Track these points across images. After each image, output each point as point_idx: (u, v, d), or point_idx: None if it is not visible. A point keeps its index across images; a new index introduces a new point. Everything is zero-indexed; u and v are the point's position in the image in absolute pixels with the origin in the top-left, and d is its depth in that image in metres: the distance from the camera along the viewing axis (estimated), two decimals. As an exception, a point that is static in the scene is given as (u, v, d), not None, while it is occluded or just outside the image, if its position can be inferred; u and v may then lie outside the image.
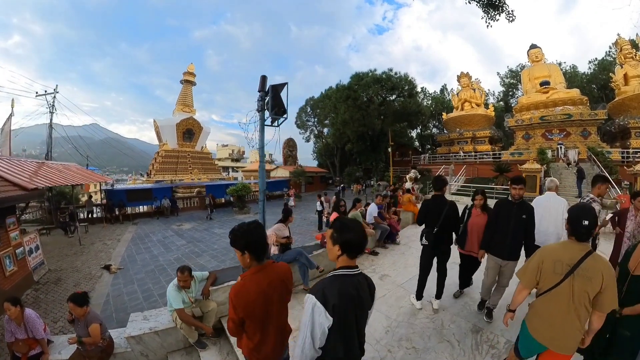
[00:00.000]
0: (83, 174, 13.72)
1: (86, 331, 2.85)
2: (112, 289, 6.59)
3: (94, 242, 10.89)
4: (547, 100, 21.42)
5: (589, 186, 12.57)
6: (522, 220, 3.02)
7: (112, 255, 9.16)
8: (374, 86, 22.05)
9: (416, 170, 14.53)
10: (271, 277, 1.62)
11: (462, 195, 13.62)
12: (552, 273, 1.71)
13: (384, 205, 6.92)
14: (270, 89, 3.56)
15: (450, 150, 26.64)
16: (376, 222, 6.25)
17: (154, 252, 9.55)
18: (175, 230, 13.00)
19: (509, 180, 12.30)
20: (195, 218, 16.62)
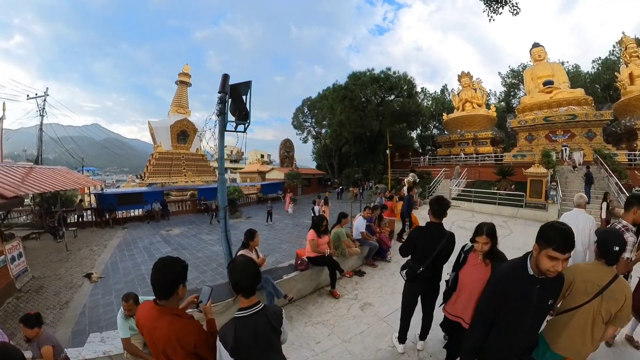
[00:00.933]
0: (72, 179, 13.39)
1: (39, 352, 2.74)
2: (89, 300, 6.42)
3: (81, 248, 10.67)
4: (551, 100, 20.79)
5: (596, 192, 12.07)
6: (545, 308, 1.70)
7: (96, 263, 8.99)
8: (371, 86, 21.33)
9: (415, 174, 13.89)
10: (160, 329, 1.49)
11: (462, 200, 12.96)
12: (583, 292, 1.81)
13: (374, 218, 6.21)
14: (230, 89, 2.96)
15: (451, 151, 25.99)
16: (363, 238, 5.62)
17: (137, 259, 9.31)
18: (163, 236, 12.67)
19: (512, 184, 11.57)
20: (187, 222, 16.31)
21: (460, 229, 8.58)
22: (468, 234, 7.81)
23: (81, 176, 17.77)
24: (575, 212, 3.64)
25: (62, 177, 12.64)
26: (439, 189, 16.06)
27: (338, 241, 5.01)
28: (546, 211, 10.22)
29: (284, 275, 4.25)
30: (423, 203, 14.17)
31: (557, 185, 10.90)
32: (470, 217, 10.71)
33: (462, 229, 8.66)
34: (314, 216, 12.70)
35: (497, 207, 11.37)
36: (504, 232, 8.29)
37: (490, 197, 11.94)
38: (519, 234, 8.06)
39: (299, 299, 4.31)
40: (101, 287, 7.10)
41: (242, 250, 3.76)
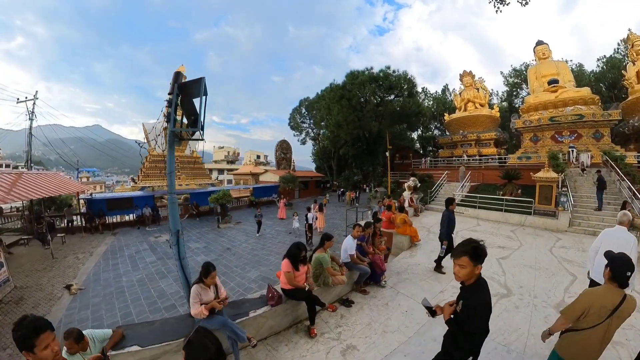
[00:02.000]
0: (61, 184, 13.44)
1: None
2: (65, 314, 6.18)
3: (67, 256, 10.46)
4: (556, 99, 20.08)
5: (608, 197, 11.35)
6: None
7: (79, 272, 8.80)
8: (369, 85, 20.56)
9: (415, 178, 13.17)
10: None
11: (466, 206, 12.22)
12: (597, 317, 2.03)
13: (366, 237, 5.38)
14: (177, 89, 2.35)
15: (453, 153, 25.30)
16: (352, 262, 4.83)
17: (120, 270, 9.08)
18: (150, 243, 12.38)
19: (519, 188, 10.89)
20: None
21: None
22: None
23: (71, 181, 17.62)
24: (617, 230, 3.54)
25: (51, 182, 12.44)
26: (441, 193, 15.33)
27: (320, 269, 4.25)
28: (556, 219, 9.48)
29: (251, 312, 3.53)
30: (425, 209, 13.46)
31: (568, 190, 10.16)
32: (475, 225, 9.99)
33: None
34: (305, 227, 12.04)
35: (504, 214, 10.63)
36: (512, 244, 7.56)
37: (496, 203, 11.18)
38: (529, 247, 7.32)
39: (271, 337, 3.70)
40: (80, 299, 6.86)
41: (195, 286, 3.14)
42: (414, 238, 7.40)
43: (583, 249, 7.14)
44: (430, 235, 8.55)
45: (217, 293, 3.24)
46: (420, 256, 6.69)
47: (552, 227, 9.33)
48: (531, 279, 5.20)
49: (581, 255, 6.55)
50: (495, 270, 5.71)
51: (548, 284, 4.99)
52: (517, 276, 5.35)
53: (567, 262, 6.13)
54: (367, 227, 5.34)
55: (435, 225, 9.89)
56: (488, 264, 6.08)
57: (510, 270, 5.68)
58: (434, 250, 6.98)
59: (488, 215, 11.07)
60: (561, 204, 9.61)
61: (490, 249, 7.51)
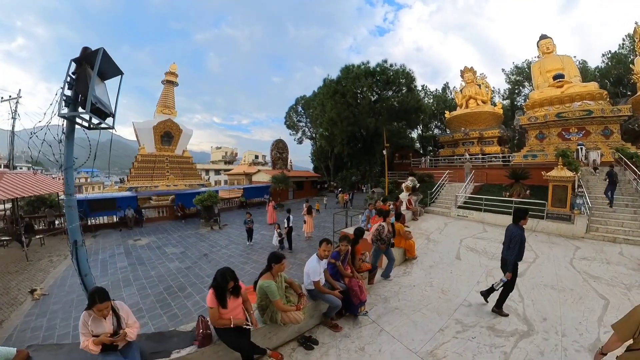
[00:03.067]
0: (42, 183, 13.33)
1: None
2: (23, 321, 5.98)
3: (42, 258, 10.31)
4: (562, 95, 19.07)
5: (627, 198, 10.32)
6: None
7: (49, 276, 8.65)
8: (365, 79, 19.44)
9: (414, 178, 12.15)
10: None
11: (470, 209, 11.20)
12: None
13: (342, 254, 4.11)
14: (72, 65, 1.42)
15: (454, 152, 24.27)
16: (318, 289, 3.59)
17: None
18: (127, 247, 12.06)
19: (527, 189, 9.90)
20: (160, 230, 15.59)
21: (470, 252, 6.84)
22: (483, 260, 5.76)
23: (52, 180, 16.96)
24: None
25: (33, 182, 12.35)
26: (442, 195, 14.31)
27: (266, 301, 3.16)
28: (572, 224, 8.47)
29: (175, 352, 2.70)
30: (424, 212, 12.45)
31: (584, 192, 9.13)
32: (482, 231, 8.95)
33: (473, 252, 6.90)
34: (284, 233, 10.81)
35: (507, 219, 9.60)
36: (527, 255, 6.34)
37: (503, 206, 10.14)
38: (546, 259, 6.29)
39: None
40: (40, 306, 6.68)
41: (84, 313, 2.42)
42: (408, 252, 6.35)
43: (607, 260, 6.16)
44: (429, 245, 7.53)
45: (118, 324, 2.49)
46: (416, 274, 5.65)
47: (568, 233, 8.32)
48: (555, 307, 4.19)
49: (607, 270, 5.56)
50: (511, 293, 4.66)
51: (576, 313, 4.00)
52: (538, 302, 4.35)
53: (593, 279, 5.14)
54: (342, 243, 4.04)
55: (436, 231, 9.03)
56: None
57: (528, 293, 4.68)
58: (433, 265, 6.02)
59: (495, 219, 10.06)
60: (577, 207, 8.58)
61: None
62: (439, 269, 5.90)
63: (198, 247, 11.93)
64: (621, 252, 6.66)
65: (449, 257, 6.59)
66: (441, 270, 5.81)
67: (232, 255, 10.60)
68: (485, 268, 5.76)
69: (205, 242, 12.84)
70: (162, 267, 9.43)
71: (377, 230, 5.19)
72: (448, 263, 6.19)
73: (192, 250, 11.43)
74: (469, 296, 4.59)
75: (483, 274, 5.46)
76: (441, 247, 7.36)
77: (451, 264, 6.15)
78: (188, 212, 19.28)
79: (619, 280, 5.05)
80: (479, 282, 5.10)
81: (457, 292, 4.78)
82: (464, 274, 5.52)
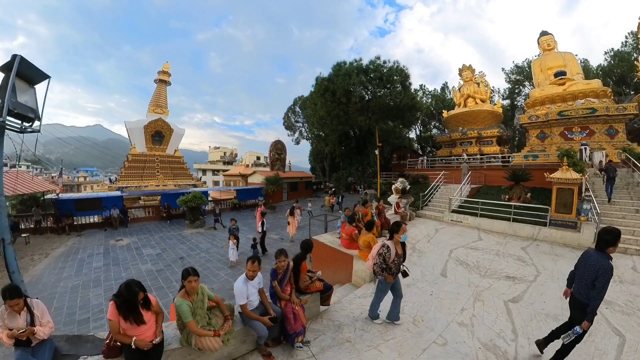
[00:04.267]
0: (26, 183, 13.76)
1: None
2: None
3: (23, 257, 10.21)
4: (565, 93, 18.19)
5: (636, 202, 9.37)
6: None
7: (26, 274, 8.57)
8: (355, 76, 18.55)
9: (404, 179, 11.25)
10: None
11: (465, 213, 10.28)
12: None
13: (280, 272, 3.46)
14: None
15: (451, 152, 23.37)
16: (246, 315, 3.10)
17: (64, 274, 8.76)
18: (107, 247, 11.96)
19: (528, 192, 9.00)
20: (144, 231, 15.48)
21: (459, 267, 5.91)
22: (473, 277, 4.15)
23: (37, 180, 17.83)
24: None
25: (16, 181, 12.53)
26: (436, 197, 13.41)
27: (182, 320, 2.72)
28: (578, 232, 7.55)
29: (82, 358, 2.65)
30: (415, 216, 11.55)
31: (592, 196, 8.20)
32: (476, 240, 8.01)
33: (463, 267, 5.97)
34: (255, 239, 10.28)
35: (512, 224, 8.67)
36: (525, 272, 5.56)
37: (502, 211, 9.21)
38: (549, 277, 5.30)
39: None
40: None
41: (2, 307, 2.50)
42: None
43: (620, 277, 5.21)
44: (412, 257, 6.56)
45: (31, 321, 2.57)
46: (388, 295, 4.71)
47: (573, 243, 7.40)
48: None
49: (620, 292, 4.64)
50: (502, 327, 3.72)
51: (584, 358, 3.09)
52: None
53: (604, 304, 4.20)
54: (280, 257, 3.38)
55: (424, 239, 8.07)
56: (492, 313, 3.96)
57: (524, 326, 3.74)
58: (411, 284, 5.04)
59: (492, 225, 9.13)
60: (584, 213, 7.66)
61: (497, 282, 5.25)
62: (417, 288, 4.95)
63: (177, 249, 11.62)
64: (634, 266, 5.73)
65: (433, 273, 5.66)
66: (419, 290, 4.86)
67: (209, 260, 10.12)
68: (474, 289, 4.83)
69: (185, 244, 12.50)
70: (135, 268, 9.26)
71: (380, 255, 3.64)
72: (430, 281, 5.25)
73: (169, 252, 11.14)
74: (446, 330, 3.64)
75: (470, 298, 4.51)
76: (426, 259, 6.44)
77: (434, 282, 5.21)
78: (173, 213, 18.87)
79: (635, 306, 4.14)
80: (464, 309, 4.15)
81: (433, 323, 3.84)
82: (446, 297, 4.56)
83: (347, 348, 3.31)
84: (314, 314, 4.00)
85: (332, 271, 6.79)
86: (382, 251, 3.61)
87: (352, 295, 4.85)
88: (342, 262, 6.37)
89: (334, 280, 6.49)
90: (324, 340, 3.44)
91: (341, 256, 6.46)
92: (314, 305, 4.01)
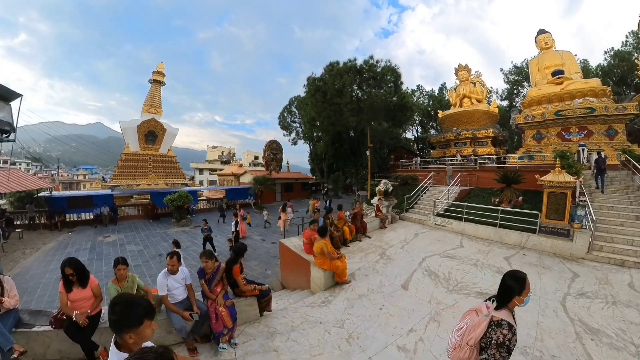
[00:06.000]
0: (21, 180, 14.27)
1: None
2: None
3: (16, 251, 10.76)
4: (562, 92, 17.47)
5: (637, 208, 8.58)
6: None
7: (17, 266, 9.11)
8: (347, 76, 17.91)
9: (387, 181, 10.57)
10: None
11: (450, 217, 9.53)
12: None
13: (209, 272, 3.63)
14: None
15: (445, 153, 22.66)
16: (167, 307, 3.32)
17: (50, 267, 9.05)
18: (94, 243, 12.32)
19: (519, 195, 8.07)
20: (132, 228, 15.87)
21: (426, 278, 5.16)
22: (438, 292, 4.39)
23: (30, 177, 18.61)
24: None
25: (10, 179, 13.02)
26: (424, 199, 12.66)
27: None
28: (571, 241, 6.78)
29: (36, 327, 3.18)
30: (399, 218, 10.81)
31: (587, 201, 7.40)
32: (457, 247, 7.24)
33: (431, 278, 5.21)
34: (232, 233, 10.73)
35: (498, 230, 7.90)
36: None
37: (489, 215, 8.45)
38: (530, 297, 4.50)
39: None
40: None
41: None
42: (337, 276, 4.77)
43: (613, 297, 4.38)
44: (378, 264, 5.84)
45: (1, 293, 3.06)
46: (336, 306, 4.15)
47: (565, 253, 6.64)
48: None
49: (612, 316, 3.83)
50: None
51: None
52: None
53: (591, 334, 3.44)
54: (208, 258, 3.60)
55: (399, 244, 7.40)
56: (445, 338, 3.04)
57: None
58: (363, 295, 4.44)
59: (476, 231, 8.37)
60: (578, 220, 6.88)
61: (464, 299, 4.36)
62: (368, 301, 4.34)
63: (158, 246, 11.77)
64: (631, 282, 4.93)
65: (394, 284, 4.96)
66: (369, 303, 4.29)
67: (185, 258, 9.82)
68: (435, 306, 4.11)
69: (167, 241, 12.58)
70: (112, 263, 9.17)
71: (501, 347, 1.80)
72: (386, 293, 4.59)
73: (151, 249, 11.34)
74: (380, 353, 3.12)
75: (426, 317, 3.80)
76: (392, 267, 5.72)
77: (390, 294, 4.55)
78: (160, 212, 19.12)
79: (628, 337, 3.36)
80: (412, 330, 3.49)
81: (369, 343, 3.33)
82: (397, 314, 3.92)
83: (271, 357, 3.22)
84: (251, 318, 3.98)
85: (294, 276, 6.47)
86: (501, 338, 1.79)
87: (301, 303, 4.53)
88: (303, 267, 5.96)
89: (296, 285, 6.27)
90: (252, 346, 3.42)
91: (301, 261, 6.04)
92: (251, 309, 4.00)
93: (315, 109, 19.41)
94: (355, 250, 7.21)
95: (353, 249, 7.26)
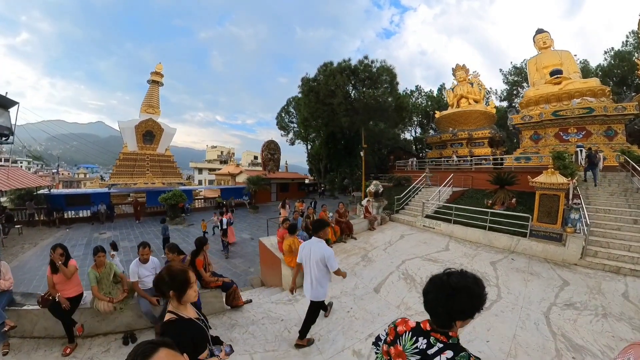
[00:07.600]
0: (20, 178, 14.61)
1: None
2: None
3: (15, 246, 11.02)
4: (560, 92, 17.13)
5: (634, 211, 8.18)
6: None
7: (15, 260, 9.36)
8: (340, 76, 17.60)
9: (378, 182, 10.26)
10: None
11: (440, 219, 9.15)
12: None
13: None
14: None
15: (441, 153, 22.31)
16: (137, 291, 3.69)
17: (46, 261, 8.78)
18: (90, 239, 12.58)
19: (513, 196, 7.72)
20: (127, 226, 16.11)
21: (401, 282, 4.81)
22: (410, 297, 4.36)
23: (29, 175, 19.09)
24: None
25: (10, 177, 13.36)
26: (416, 200, 12.29)
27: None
28: (563, 245, 6.39)
29: (26, 306, 3.57)
30: (389, 220, 10.45)
31: (582, 203, 7.01)
32: (442, 249, 6.87)
33: (406, 282, 4.85)
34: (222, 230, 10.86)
35: (487, 233, 7.52)
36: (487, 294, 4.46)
37: (479, 218, 8.06)
38: (511, 303, 4.08)
39: (46, 338, 3.45)
40: None
41: None
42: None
43: (604, 309, 3.96)
44: (358, 266, 5.52)
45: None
46: (302, 306, 3.89)
47: (556, 258, 6.25)
48: None
49: (601, 331, 3.42)
50: None
51: None
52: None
53: (573, 351, 3.04)
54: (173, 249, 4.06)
55: (382, 246, 7.05)
56: None
57: None
58: (333, 298, 4.20)
59: (465, 233, 7.99)
60: (571, 223, 6.48)
61: None
62: (339, 303, 4.21)
63: (150, 243, 11.18)
64: (626, 292, 4.53)
65: (367, 287, 4.68)
66: (338, 306, 4.15)
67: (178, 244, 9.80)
68: (403, 311, 3.82)
69: (160, 238, 12.27)
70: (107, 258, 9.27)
71: None
72: (357, 296, 4.35)
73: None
74: (336, 357, 3.00)
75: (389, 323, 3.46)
76: (370, 270, 5.40)
77: (360, 297, 4.32)
78: (146, 210, 19.41)
79: (615, 356, 2.95)
80: (372, 335, 3.26)
81: (327, 345, 3.26)
82: (362, 318, 3.73)
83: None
84: (217, 309, 4.15)
85: (272, 273, 6.34)
86: None
87: (268, 300, 4.52)
88: (276, 264, 5.82)
89: (273, 282, 6.20)
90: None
91: (275, 259, 5.90)
92: (216, 300, 4.18)
93: (308, 109, 19.20)
94: (337, 251, 6.86)
95: (336, 250, 6.92)
